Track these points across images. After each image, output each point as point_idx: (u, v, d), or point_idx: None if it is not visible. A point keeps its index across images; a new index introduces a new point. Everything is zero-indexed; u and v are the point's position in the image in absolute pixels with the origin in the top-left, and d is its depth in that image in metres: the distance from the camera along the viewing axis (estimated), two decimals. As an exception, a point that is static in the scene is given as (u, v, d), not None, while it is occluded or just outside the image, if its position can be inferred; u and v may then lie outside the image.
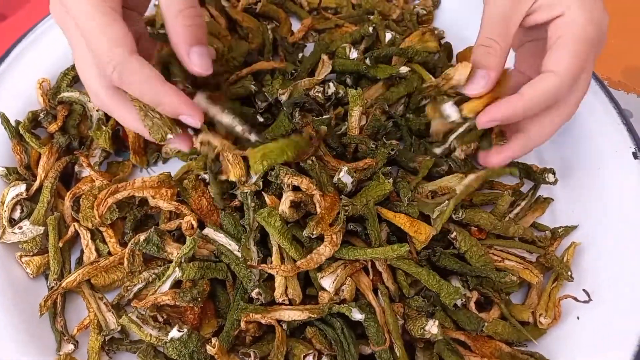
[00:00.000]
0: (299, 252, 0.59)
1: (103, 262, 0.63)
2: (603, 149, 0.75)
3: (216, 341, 0.55)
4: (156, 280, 0.63)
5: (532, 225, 0.71)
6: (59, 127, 0.72)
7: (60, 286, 0.61)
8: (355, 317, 0.57)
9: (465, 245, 0.63)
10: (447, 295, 0.60)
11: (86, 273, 0.62)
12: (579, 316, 0.64)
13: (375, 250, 0.60)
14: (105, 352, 0.60)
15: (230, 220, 0.63)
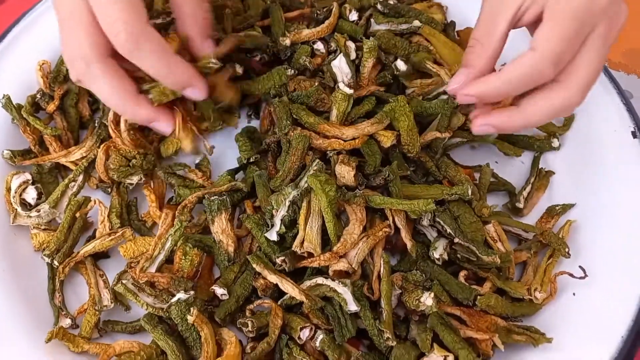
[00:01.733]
0: (337, 228, 0.60)
1: (129, 233, 0.65)
2: (602, 128, 0.75)
3: (194, 309, 0.56)
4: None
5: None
6: (57, 107, 0.72)
7: (84, 251, 0.63)
8: (351, 309, 0.58)
9: (458, 210, 0.64)
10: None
11: (115, 240, 0.64)
12: (575, 292, 0.65)
13: (403, 202, 0.62)
14: (97, 329, 0.61)
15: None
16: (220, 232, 0.63)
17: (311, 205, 0.62)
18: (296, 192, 0.62)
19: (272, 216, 0.62)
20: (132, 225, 0.67)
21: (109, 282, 0.63)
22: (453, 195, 0.65)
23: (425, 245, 0.65)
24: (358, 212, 0.62)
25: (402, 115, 0.67)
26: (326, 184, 0.61)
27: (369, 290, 0.60)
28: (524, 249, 0.67)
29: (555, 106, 0.58)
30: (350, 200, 0.62)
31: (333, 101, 0.68)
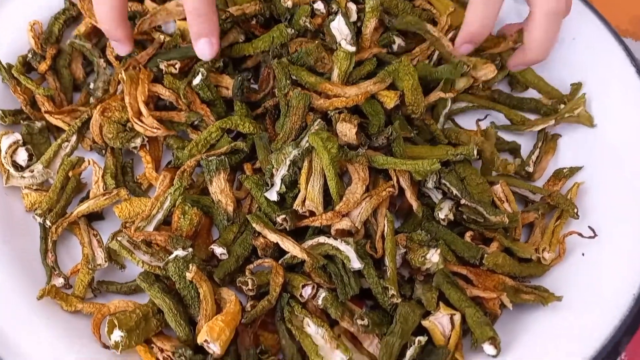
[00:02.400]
0: (339, 186, 0.59)
1: (124, 193, 0.63)
2: (611, 91, 0.72)
3: (193, 266, 0.54)
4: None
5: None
6: (49, 67, 0.70)
7: (78, 211, 0.61)
8: (354, 266, 0.56)
9: (464, 171, 0.62)
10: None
11: (110, 199, 0.62)
12: (584, 252, 0.63)
13: (407, 163, 0.60)
14: (91, 289, 0.59)
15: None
16: (219, 192, 0.61)
17: (313, 164, 0.60)
18: (297, 152, 0.60)
19: (272, 175, 0.60)
20: (127, 186, 0.65)
21: (103, 242, 0.61)
22: (458, 155, 0.63)
23: (430, 207, 0.64)
24: (360, 172, 0.60)
25: (406, 74, 0.65)
26: (328, 141, 0.59)
27: (372, 249, 0.59)
28: (531, 210, 0.66)
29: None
30: (353, 159, 0.60)
31: (335, 61, 0.66)
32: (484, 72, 0.70)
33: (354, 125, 0.61)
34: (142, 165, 0.66)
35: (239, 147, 0.64)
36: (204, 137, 0.64)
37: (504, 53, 0.73)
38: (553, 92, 0.74)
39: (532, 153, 0.71)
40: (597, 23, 0.76)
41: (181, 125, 0.67)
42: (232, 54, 0.70)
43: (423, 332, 0.56)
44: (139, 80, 0.65)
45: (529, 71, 0.73)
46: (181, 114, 0.66)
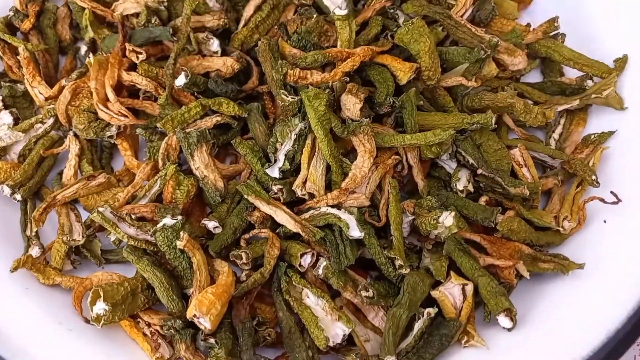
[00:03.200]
0: (331, 147, 0.54)
1: (99, 181, 0.57)
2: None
3: (184, 233, 0.50)
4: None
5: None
6: (33, 25, 0.66)
7: (55, 200, 0.56)
8: (353, 234, 0.51)
9: (481, 137, 0.57)
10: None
11: (83, 188, 0.57)
12: (606, 220, 0.58)
13: (416, 136, 0.55)
14: (70, 260, 0.55)
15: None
16: (203, 167, 0.56)
17: (317, 143, 0.54)
18: (304, 124, 0.55)
19: (275, 150, 0.55)
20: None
21: (81, 217, 0.57)
22: (475, 124, 0.57)
23: (441, 179, 0.59)
24: (366, 143, 0.54)
25: (422, 35, 0.58)
26: (315, 98, 0.53)
27: (374, 217, 0.54)
28: (550, 176, 0.61)
29: None
30: (356, 130, 0.54)
31: (337, 32, 0.61)
32: (517, 60, 0.63)
33: (360, 100, 0.55)
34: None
35: (227, 121, 0.58)
36: (181, 112, 0.57)
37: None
38: (598, 65, 0.66)
39: (553, 131, 0.65)
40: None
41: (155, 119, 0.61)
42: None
43: (432, 303, 0.52)
44: (108, 65, 0.59)
45: (563, 47, 0.66)
46: (155, 106, 0.60)
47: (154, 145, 0.58)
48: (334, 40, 0.62)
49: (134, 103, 0.59)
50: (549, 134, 0.65)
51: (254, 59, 0.62)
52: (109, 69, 0.58)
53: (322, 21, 0.61)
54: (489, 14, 0.66)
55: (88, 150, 0.60)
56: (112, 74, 0.58)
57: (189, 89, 0.59)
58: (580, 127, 0.66)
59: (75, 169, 0.58)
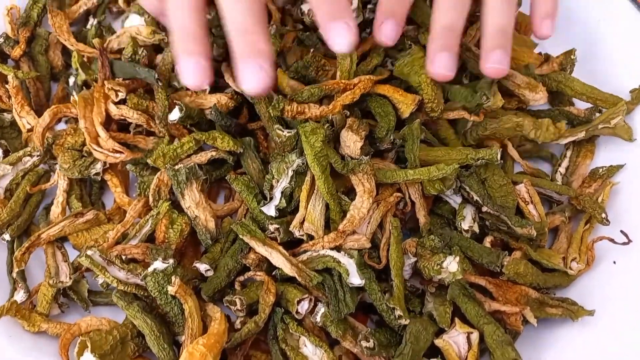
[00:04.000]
0: (329, 185, 0.52)
1: (87, 218, 0.55)
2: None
3: (176, 278, 0.48)
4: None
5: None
6: (23, 52, 0.64)
7: (39, 239, 0.54)
8: (354, 282, 0.49)
9: (485, 172, 0.55)
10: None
11: (70, 226, 0.54)
12: (615, 260, 0.56)
13: (418, 171, 0.53)
14: (57, 304, 0.53)
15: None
16: (194, 207, 0.53)
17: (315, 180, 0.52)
18: (301, 160, 0.53)
19: (271, 187, 0.53)
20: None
21: (69, 256, 0.54)
22: (479, 160, 0.55)
23: (444, 217, 0.57)
24: (366, 182, 0.52)
25: (422, 67, 0.56)
26: (312, 134, 0.52)
27: (374, 259, 0.52)
28: (557, 212, 0.59)
29: None
30: (355, 168, 0.52)
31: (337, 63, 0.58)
32: (539, 96, 0.60)
33: (360, 138, 0.53)
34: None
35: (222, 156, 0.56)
36: (173, 147, 0.55)
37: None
38: (612, 99, 0.63)
39: (559, 164, 0.62)
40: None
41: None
42: None
43: (436, 352, 0.50)
44: (94, 100, 0.57)
45: (575, 81, 0.63)
46: (149, 140, 0.58)
47: (144, 181, 0.56)
48: (332, 74, 0.59)
49: (127, 138, 0.57)
50: (555, 168, 0.63)
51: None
52: (95, 105, 0.56)
53: (319, 56, 0.59)
54: None
55: (77, 185, 0.57)
56: (99, 110, 0.56)
57: (183, 122, 0.57)
58: (587, 159, 0.63)
59: (63, 206, 0.56)
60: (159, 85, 0.57)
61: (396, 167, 0.56)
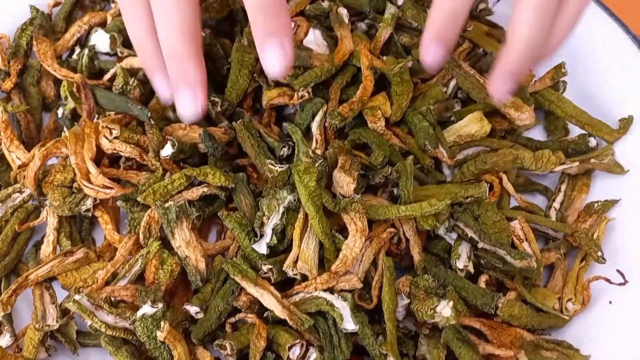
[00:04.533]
0: (323, 224, 0.51)
1: (77, 257, 0.54)
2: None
3: (165, 324, 0.47)
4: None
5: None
6: (14, 84, 0.63)
7: (27, 280, 0.53)
8: (347, 327, 0.49)
9: (479, 208, 0.55)
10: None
11: (59, 266, 0.54)
12: (611, 300, 0.56)
13: (411, 207, 0.52)
14: (44, 347, 0.52)
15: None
16: (184, 246, 0.52)
17: (308, 217, 0.52)
18: (293, 197, 0.52)
19: (262, 224, 0.53)
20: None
21: (57, 297, 0.53)
22: (469, 198, 0.55)
23: (439, 256, 0.56)
24: (358, 221, 0.52)
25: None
26: (305, 173, 0.51)
27: (366, 301, 0.51)
28: (552, 249, 0.58)
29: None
30: (347, 207, 0.52)
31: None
32: (524, 115, 0.60)
33: (353, 179, 0.53)
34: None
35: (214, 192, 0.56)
36: (163, 184, 0.54)
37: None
38: (600, 125, 0.63)
39: (554, 199, 0.62)
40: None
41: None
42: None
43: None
44: (84, 136, 0.56)
45: (567, 103, 0.63)
46: (141, 175, 0.57)
47: (135, 218, 0.55)
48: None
49: (119, 173, 0.57)
50: (550, 203, 0.62)
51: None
52: (85, 141, 0.55)
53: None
54: (488, 65, 0.64)
55: (66, 222, 0.57)
56: (90, 146, 0.55)
57: (175, 157, 0.57)
58: (583, 193, 0.63)
59: (54, 244, 0.55)
60: (151, 123, 0.57)
61: (389, 203, 0.55)
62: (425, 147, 0.58)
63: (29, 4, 0.68)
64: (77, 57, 0.66)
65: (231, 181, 0.56)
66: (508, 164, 0.59)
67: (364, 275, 0.52)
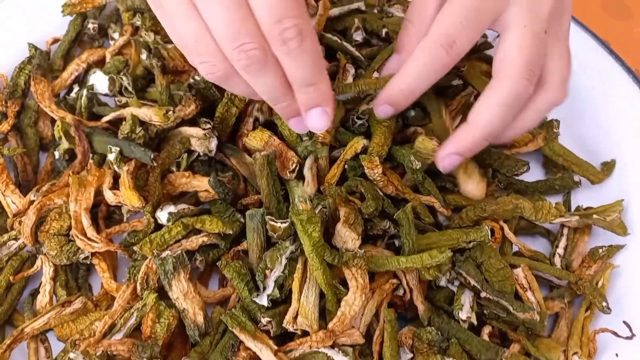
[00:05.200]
0: (327, 276, 0.50)
1: (75, 307, 0.53)
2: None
3: None
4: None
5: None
6: (12, 126, 0.62)
7: (23, 334, 0.51)
8: None
9: (481, 255, 0.54)
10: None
11: (56, 317, 0.52)
12: (618, 353, 0.54)
13: (412, 259, 0.51)
14: None
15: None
16: (182, 298, 0.51)
17: (308, 267, 0.51)
18: (294, 247, 0.52)
19: (264, 277, 0.52)
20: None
21: (52, 351, 0.52)
22: (471, 242, 0.55)
23: (443, 309, 0.55)
24: (359, 278, 0.51)
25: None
26: (308, 223, 0.50)
27: (366, 357, 0.50)
28: (556, 298, 0.57)
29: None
30: (349, 262, 0.51)
31: None
32: (470, 187, 0.58)
33: (358, 235, 0.52)
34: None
35: (213, 242, 0.55)
36: (160, 233, 0.53)
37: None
38: (586, 167, 0.64)
39: (557, 245, 0.61)
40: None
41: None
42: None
43: None
44: (86, 183, 0.55)
45: (554, 142, 0.64)
46: (143, 221, 0.56)
47: (136, 266, 0.54)
48: None
49: (122, 228, 0.56)
50: (554, 250, 0.61)
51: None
52: (86, 189, 0.55)
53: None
54: None
55: (62, 270, 0.55)
56: (87, 196, 0.54)
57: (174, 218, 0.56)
58: (585, 236, 0.62)
59: (50, 294, 0.54)
60: (154, 165, 0.56)
61: (389, 254, 0.55)
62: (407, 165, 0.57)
63: (27, 42, 0.68)
64: (75, 96, 0.65)
65: (229, 227, 0.55)
66: (507, 213, 0.58)
67: (365, 329, 0.51)
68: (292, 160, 0.57)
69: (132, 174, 0.56)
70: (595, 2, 0.89)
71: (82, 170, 0.58)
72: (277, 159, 0.57)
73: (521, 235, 0.62)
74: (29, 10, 0.70)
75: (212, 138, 0.58)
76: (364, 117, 0.60)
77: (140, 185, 0.57)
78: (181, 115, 0.58)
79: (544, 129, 0.64)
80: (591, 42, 0.70)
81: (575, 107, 0.67)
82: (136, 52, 0.66)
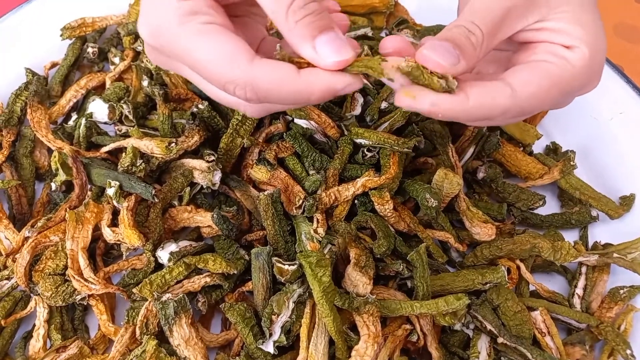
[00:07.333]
0: (337, 323, 0.48)
1: (71, 352, 0.50)
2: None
3: None
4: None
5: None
6: (6, 157, 0.59)
7: None
8: None
9: (498, 297, 0.51)
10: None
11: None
12: (643, 402, 0.52)
13: (426, 305, 0.49)
14: None
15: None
16: (183, 345, 0.49)
17: (317, 312, 0.48)
18: (302, 290, 0.49)
19: (271, 323, 0.49)
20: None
21: None
22: (487, 284, 0.52)
23: (457, 355, 0.53)
24: (371, 325, 0.48)
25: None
26: (318, 266, 0.48)
27: None
28: (576, 344, 0.54)
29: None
30: (360, 308, 0.48)
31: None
32: (477, 230, 0.56)
33: (369, 279, 0.49)
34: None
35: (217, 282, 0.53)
36: (161, 274, 0.51)
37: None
38: (605, 201, 0.62)
39: (576, 285, 0.58)
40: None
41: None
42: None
43: None
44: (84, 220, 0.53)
45: (572, 176, 0.62)
46: (142, 259, 0.53)
47: (135, 307, 0.51)
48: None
49: (121, 267, 0.53)
50: (572, 290, 0.58)
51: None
52: (83, 226, 0.52)
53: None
54: (492, 146, 0.61)
55: (57, 312, 0.52)
56: (85, 234, 0.52)
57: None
58: (605, 274, 0.59)
59: (44, 339, 0.51)
60: (155, 202, 0.53)
61: (402, 297, 0.52)
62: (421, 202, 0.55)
63: (24, 66, 0.65)
64: (73, 123, 0.62)
65: (233, 268, 0.52)
66: (524, 253, 0.56)
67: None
68: (299, 195, 0.54)
69: (132, 211, 0.53)
70: (607, 25, 0.87)
71: (80, 204, 0.55)
72: (283, 193, 0.54)
73: (537, 273, 0.60)
74: (26, 34, 0.68)
75: (216, 171, 0.55)
76: (375, 149, 0.57)
77: (141, 221, 0.54)
78: (184, 147, 0.56)
79: (561, 162, 0.61)
80: (608, 70, 0.68)
81: (591, 137, 0.65)
82: (137, 78, 0.64)
